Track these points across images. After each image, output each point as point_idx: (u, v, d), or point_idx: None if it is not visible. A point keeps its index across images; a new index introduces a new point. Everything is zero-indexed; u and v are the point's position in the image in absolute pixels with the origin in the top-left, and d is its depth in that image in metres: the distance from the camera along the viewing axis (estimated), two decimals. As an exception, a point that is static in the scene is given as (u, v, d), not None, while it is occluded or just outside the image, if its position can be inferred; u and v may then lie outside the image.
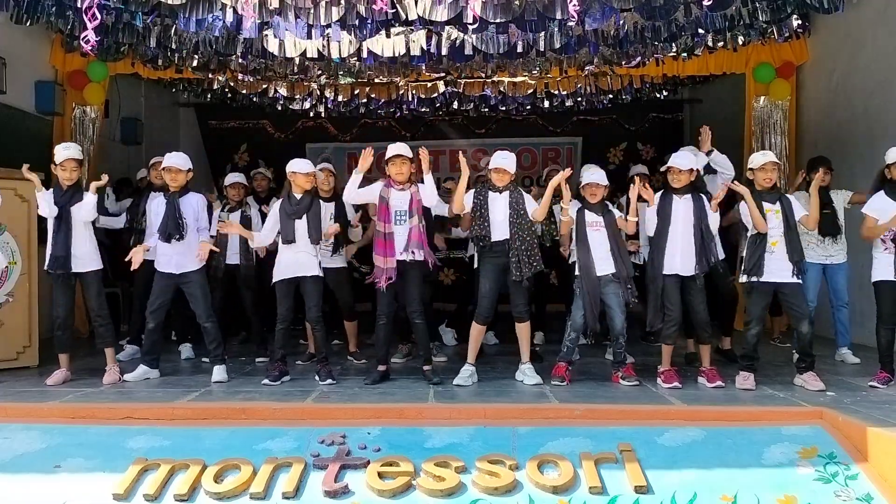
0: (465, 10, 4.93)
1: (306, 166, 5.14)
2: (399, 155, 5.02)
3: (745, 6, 5.43)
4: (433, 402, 4.50)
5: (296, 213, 5.02)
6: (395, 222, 5.02)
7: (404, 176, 5.05)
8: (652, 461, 3.63)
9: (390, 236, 5.00)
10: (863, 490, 3.45)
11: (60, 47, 7.31)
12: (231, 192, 6.11)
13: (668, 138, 10.28)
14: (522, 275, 4.91)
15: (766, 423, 3.98)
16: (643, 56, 6.93)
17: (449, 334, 6.68)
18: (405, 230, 5.02)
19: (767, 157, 4.91)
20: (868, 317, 5.82)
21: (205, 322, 5.22)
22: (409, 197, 5.05)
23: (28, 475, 3.62)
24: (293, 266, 5.04)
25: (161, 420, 4.13)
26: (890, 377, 4.82)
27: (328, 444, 3.79)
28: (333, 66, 7.22)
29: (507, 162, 5.04)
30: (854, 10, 6.01)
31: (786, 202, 4.81)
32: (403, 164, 5.04)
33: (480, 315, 5.08)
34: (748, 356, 4.84)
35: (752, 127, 7.62)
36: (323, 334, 5.23)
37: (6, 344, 5.55)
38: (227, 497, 3.46)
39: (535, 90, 8.42)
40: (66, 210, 5.07)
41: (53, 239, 5.05)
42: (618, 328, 5.00)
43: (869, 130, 6.45)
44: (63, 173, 5.09)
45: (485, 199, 5.04)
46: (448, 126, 10.76)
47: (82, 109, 7.54)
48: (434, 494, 3.45)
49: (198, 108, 10.62)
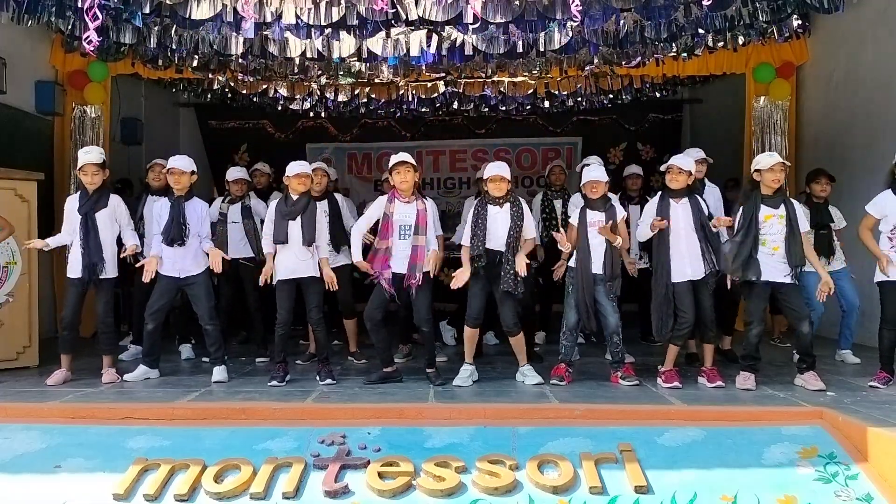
0: (466, 10, 4.93)
1: (299, 168, 5.08)
2: (403, 162, 4.93)
3: (745, 6, 5.42)
4: (433, 402, 4.51)
5: (290, 214, 5.00)
6: (399, 237, 4.93)
7: (409, 183, 4.95)
8: (652, 461, 3.63)
9: (388, 251, 4.93)
10: (863, 490, 3.45)
11: (60, 47, 7.32)
12: (233, 188, 6.14)
13: (667, 138, 10.30)
14: (517, 287, 4.82)
15: (766, 423, 3.97)
16: (643, 56, 6.92)
17: (449, 333, 6.68)
18: (407, 246, 4.92)
19: (776, 157, 4.80)
20: (868, 317, 5.83)
21: (207, 324, 5.23)
22: (415, 211, 4.95)
23: (28, 475, 3.62)
24: (290, 267, 5.03)
25: (161, 420, 4.13)
26: (890, 377, 4.81)
27: (328, 444, 3.79)
28: (333, 66, 7.22)
29: (503, 169, 4.97)
30: (854, 10, 6.00)
31: (790, 206, 4.76)
32: (408, 171, 4.94)
33: (470, 317, 5.03)
34: (749, 356, 4.84)
35: (752, 127, 7.62)
36: (324, 335, 5.23)
37: (6, 344, 5.55)
38: (228, 497, 3.46)
39: (535, 90, 8.42)
40: (92, 217, 5.11)
41: (84, 247, 5.06)
42: (612, 326, 4.99)
43: (869, 130, 6.45)
44: (84, 178, 5.12)
45: (484, 213, 4.94)
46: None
47: (82, 109, 7.54)
48: (434, 494, 3.45)
49: (198, 108, 10.62)
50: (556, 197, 6.54)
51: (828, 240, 5.52)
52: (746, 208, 4.80)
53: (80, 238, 5.08)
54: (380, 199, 5.14)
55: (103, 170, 5.21)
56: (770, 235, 4.73)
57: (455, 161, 10.91)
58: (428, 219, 4.98)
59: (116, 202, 5.27)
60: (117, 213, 5.25)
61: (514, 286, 4.83)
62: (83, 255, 5.07)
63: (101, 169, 5.18)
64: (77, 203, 5.15)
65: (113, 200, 5.25)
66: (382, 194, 5.44)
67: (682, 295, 4.84)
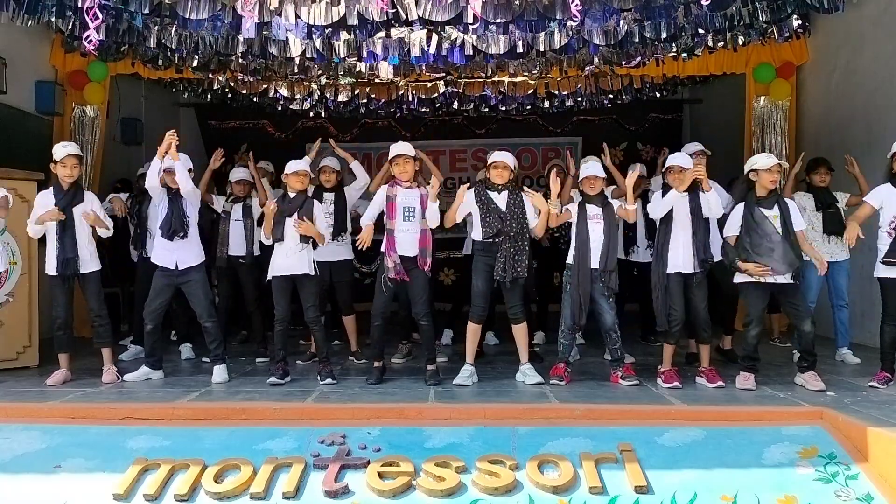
0: (466, 10, 4.93)
1: (296, 166, 5.12)
2: (401, 154, 5.02)
3: (745, 6, 5.42)
4: (433, 402, 4.50)
5: (287, 211, 5.02)
6: (403, 218, 4.99)
7: (409, 174, 5.04)
8: (652, 461, 3.63)
9: (391, 233, 4.98)
10: (863, 490, 3.45)
11: (60, 47, 7.31)
12: (236, 188, 6.15)
13: (667, 138, 10.26)
14: (506, 277, 4.87)
15: (766, 423, 3.97)
16: (643, 56, 6.92)
17: (447, 333, 6.66)
18: (415, 227, 4.99)
19: (773, 159, 4.84)
20: (868, 317, 5.84)
21: (205, 321, 5.22)
22: (418, 195, 5.03)
23: (28, 475, 3.62)
24: (285, 264, 5.04)
25: (161, 420, 4.13)
26: (890, 377, 4.81)
27: (328, 444, 3.79)
28: (333, 66, 7.22)
29: (507, 157, 5.03)
30: (854, 10, 6.01)
31: (784, 206, 4.78)
32: (407, 163, 5.02)
33: (475, 314, 5.05)
34: (749, 357, 4.84)
35: (752, 127, 7.62)
36: (322, 334, 5.23)
37: (6, 344, 5.55)
38: (227, 497, 3.46)
39: (535, 90, 8.42)
40: (69, 211, 5.08)
41: (59, 242, 5.04)
42: (608, 324, 4.99)
43: (869, 130, 6.45)
44: (63, 170, 5.08)
45: (486, 198, 5.00)
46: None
47: (82, 109, 7.54)
48: (434, 494, 3.45)
49: (198, 108, 10.61)
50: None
51: (838, 217, 5.55)
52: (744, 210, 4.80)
53: (56, 234, 5.04)
54: (381, 188, 5.19)
55: (81, 164, 5.23)
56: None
57: (455, 161, 10.91)
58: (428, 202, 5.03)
59: (91, 198, 5.27)
60: (93, 209, 5.21)
61: (518, 273, 4.86)
62: (59, 250, 5.04)
63: (80, 162, 5.20)
64: (52, 198, 5.09)
65: (88, 196, 5.25)
66: None
67: (672, 289, 4.87)
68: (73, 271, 5.07)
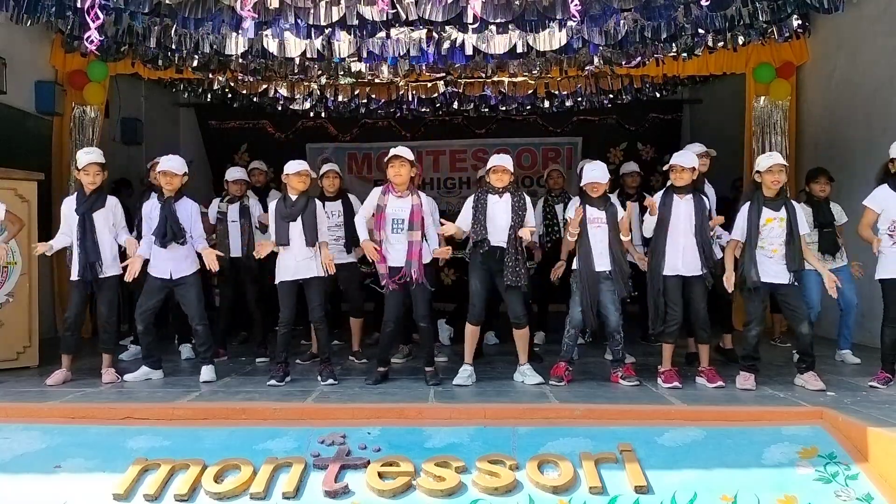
0: (466, 10, 4.93)
1: (297, 166, 5.07)
2: (398, 156, 4.94)
3: (745, 6, 5.42)
4: (433, 402, 4.50)
5: (290, 216, 4.98)
6: (392, 230, 4.94)
7: (403, 178, 4.95)
8: (652, 461, 3.63)
9: (380, 244, 4.94)
10: (863, 490, 3.45)
11: (60, 47, 7.31)
12: (233, 188, 6.15)
13: (667, 138, 10.30)
14: (522, 279, 4.86)
15: (766, 423, 3.98)
16: (643, 56, 6.92)
17: (445, 332, 6.66)
18: (403, 240, 4.92)
19: (773, 158, 4.79)
20: (868, 317, 5.83)
21: (197, 324, 5.22)
22: (410, 206, 4.95)
23: (28, 475, 3.62)
24: (293, 268, 5.01)
25: (161, 420, 4.13)
26: (890, 377, 4.81)
27: (328, 444, 3.79)
28: (333, 66, 7.22)
29: (506, 160, 5.00)
30: (854, 10, 6.01)
31: (791, 209, 4.75)
32: (402, 165, 4.95)
33: (472, 316, 5.03)
34: (749, 356, 4.84)
35: (753, 127, 7.62)
36: (326, 334, 5.23)
37: (6, 344, 5.55)
38: (228, 497, 3.46)
39: (535, 90, 8.42)
40: (90, 217, 5.11)
41: (81, 247, 5.07)
42: (613, 325, 4.99)
43: (869, 130, 6.45)
44: (86, 178, 5.13)
45: (484, 203, 4.96)
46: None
47: (82, 109, 7.54)
48: (434, 494, 3.45)
49: (198, 108, 10.62)
50: (557, 202, 6.56)
51: (832, 238, 5.52)
52: (749, 210, 4.80)
53: (78, 238, 5.09)
54: (375, 189, 5.14)
55: (104, 170, 5.23)
56: (770, 237, 4.73)
57: (455, 161, 10.92)
58: (424, 214, 4.98)
59: (114, 203, 5.29)
60: (115, 214, 5.26)
61: (519, 279, 4.85)
62: (80, 255, 5.07)
63: (103, 170, 5.21)
64: (74, 204, 5.17)
65: (110, 201, 5.27)
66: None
67: (671, 290, 4.86)
68: (94, 276, 5.09)
